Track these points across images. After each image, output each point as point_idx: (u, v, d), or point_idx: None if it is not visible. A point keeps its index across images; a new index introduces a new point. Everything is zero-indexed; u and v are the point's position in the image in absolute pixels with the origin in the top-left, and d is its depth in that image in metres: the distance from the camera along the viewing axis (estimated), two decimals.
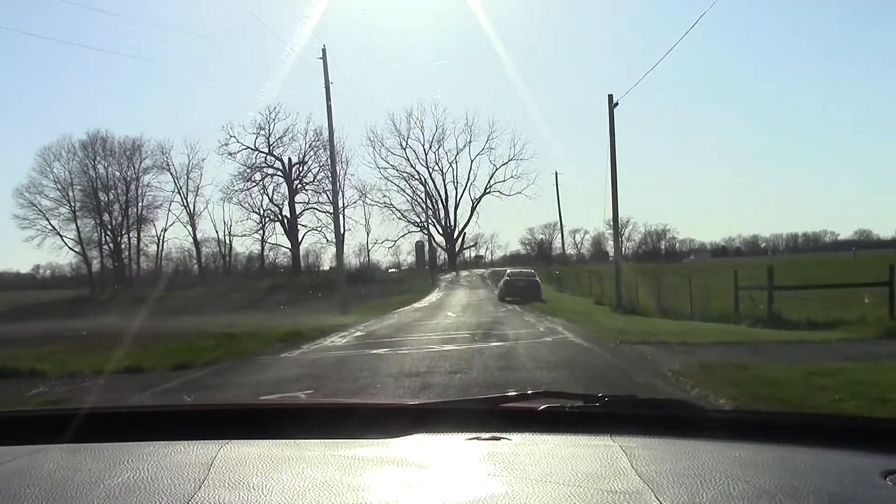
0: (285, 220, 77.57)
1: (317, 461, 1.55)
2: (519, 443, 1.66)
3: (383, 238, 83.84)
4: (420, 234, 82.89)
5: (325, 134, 78.48)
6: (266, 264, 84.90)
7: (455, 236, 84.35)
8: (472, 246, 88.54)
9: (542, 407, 1.84)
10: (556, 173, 73.63)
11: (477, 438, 1.69)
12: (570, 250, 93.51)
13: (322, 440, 1.72)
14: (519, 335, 16.03)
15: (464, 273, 71.64)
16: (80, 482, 1.42)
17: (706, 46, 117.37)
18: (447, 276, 66.70)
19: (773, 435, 1.67)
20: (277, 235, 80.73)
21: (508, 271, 39.66)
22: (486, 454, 1.58)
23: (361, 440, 1.70)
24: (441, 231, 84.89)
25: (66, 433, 1.77)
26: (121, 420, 1.99)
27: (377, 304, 40.93)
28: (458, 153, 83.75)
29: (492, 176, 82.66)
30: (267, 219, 78.78)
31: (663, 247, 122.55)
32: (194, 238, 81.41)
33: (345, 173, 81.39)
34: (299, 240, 78.23)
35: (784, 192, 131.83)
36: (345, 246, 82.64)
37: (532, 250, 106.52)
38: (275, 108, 76.03)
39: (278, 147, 76.64)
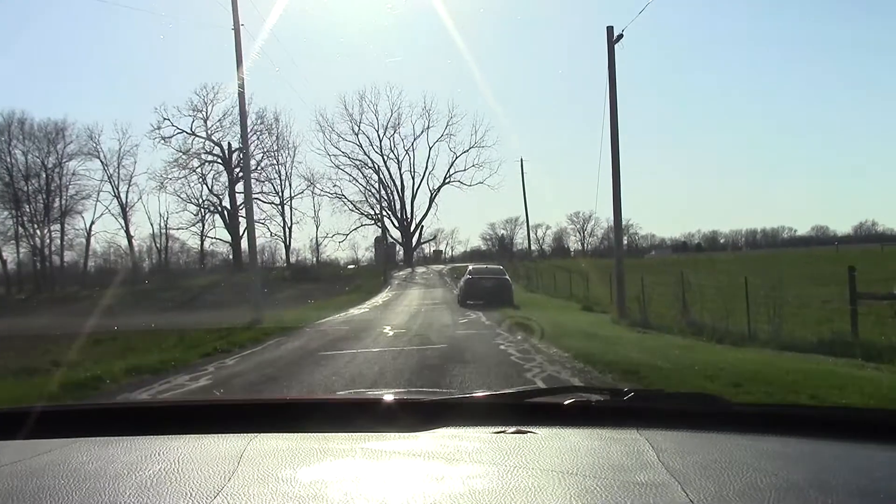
0: (225, 212, 67.88)
1: (344, 454, 1.51)
2: (545, 436, 1.59)
3: (334, 231, 74.17)
4: (374, 227, 73.76)
5: (269, 116, 69.30)
6: (219, 260, 74.99)
7: (412, 230, 75.34)
8: (430, 240, 79.22)
9: (569, 401, 1.76)
10: (522, 160, 64.41)
11: (502, 432, 1.62)
12: (531, 246, 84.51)
13: (349, 433, 1.65)
14: None
15: (420, 270, 62.48)
16: (111, 474, 1.39)
17: (664, 38, 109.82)
18: (402, 272, 57.61)
19: (802, 428, 1.60)
20: (217, 229, 71.06)
21: (471, 268, 30.41)
22: (511, 447, 1.51)
23: (388, 433, 1.64)
24: (397, 224, 75.80)
25: (98, 427, 1.74)
26: (152, 414, 1.94)
27: (310, 307, 32.04)
28: (415, 140, 74.90)
29: (451, 164, 73.91)
30: (206, 210, 68.98)
31: (625, 242, 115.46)
32: (127, 231, 70.89)
33: (292, 160, 72.18)
34: (240, 233, 68.56)
35: (741, 188, 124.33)
36: (292, 240, 73.73)
37: (493, 246, 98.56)
38: (213, 87, 66.33)
39: (217, 131, 67.01)
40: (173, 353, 13.88)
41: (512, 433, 1.60)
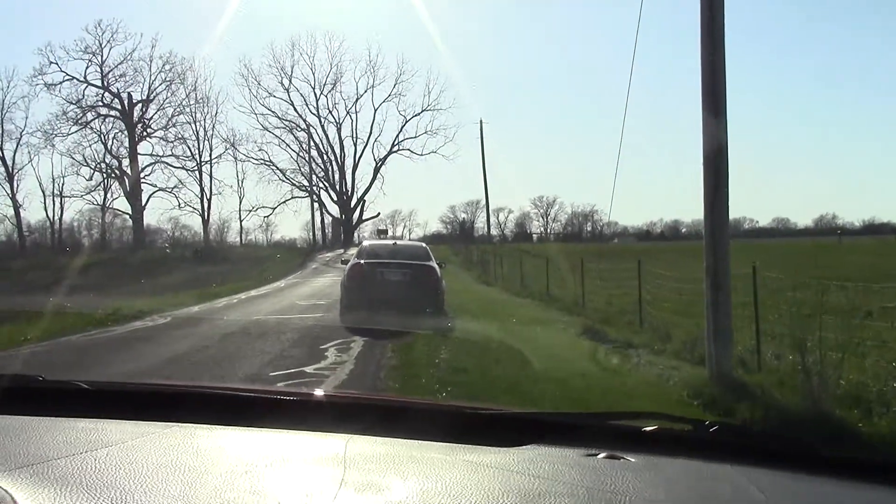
0: (125, 178, 53.39)
1: (442, 464, 1.43)
2: (639, 465, 1.45)
3: (259, 205, 59.53)
4: (308, 200, 59.86)
5: (180, 65, 55.11)
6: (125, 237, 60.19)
7: (353, 205, 61.28)
8: (374, 217, 64.92)
9: (653, 427, 1.59)
10: (481, 121, 50.21)
11: (593, 455, 1.50)
12: (493, 230, 70.71)
13: (443, 443, 1.54)
14: None
15: (352, 251, 48.77)
16: (224, 468, 1.32)
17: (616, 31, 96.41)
18: (329, 254, 43.89)
19: None
20: (121, 198, 56.40)
21: (365, 245, 16.07)
22: (607, 472, 1.40)
23: (481, 446, 1.52)
24: (336, 198, 61.74)
25: (201, 412, 1.61)
26: (245, 403, 1.73)
27: (132, 304, 18.51)
28: (358, 99, 60.63)
29: (401, 129, 59.89)
30: (107, 175, 54.28)
31: (589, 228, 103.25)
32: (13, 198, 55.79)
33: (213, 120, 57.71)
34: (143, 203, 54.24)
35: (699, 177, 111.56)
36: (210, 214, 58.58)
37: (454, 230, 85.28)
38: (109, 25, 51.70)
39: (118, 80, 52.43)
40: None
41: (603, 458, 1.48)
